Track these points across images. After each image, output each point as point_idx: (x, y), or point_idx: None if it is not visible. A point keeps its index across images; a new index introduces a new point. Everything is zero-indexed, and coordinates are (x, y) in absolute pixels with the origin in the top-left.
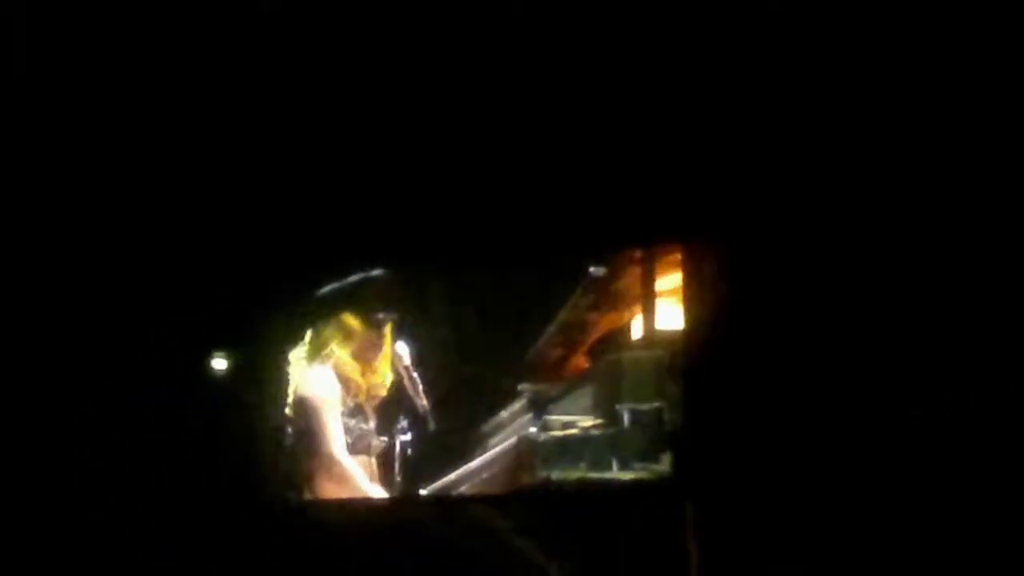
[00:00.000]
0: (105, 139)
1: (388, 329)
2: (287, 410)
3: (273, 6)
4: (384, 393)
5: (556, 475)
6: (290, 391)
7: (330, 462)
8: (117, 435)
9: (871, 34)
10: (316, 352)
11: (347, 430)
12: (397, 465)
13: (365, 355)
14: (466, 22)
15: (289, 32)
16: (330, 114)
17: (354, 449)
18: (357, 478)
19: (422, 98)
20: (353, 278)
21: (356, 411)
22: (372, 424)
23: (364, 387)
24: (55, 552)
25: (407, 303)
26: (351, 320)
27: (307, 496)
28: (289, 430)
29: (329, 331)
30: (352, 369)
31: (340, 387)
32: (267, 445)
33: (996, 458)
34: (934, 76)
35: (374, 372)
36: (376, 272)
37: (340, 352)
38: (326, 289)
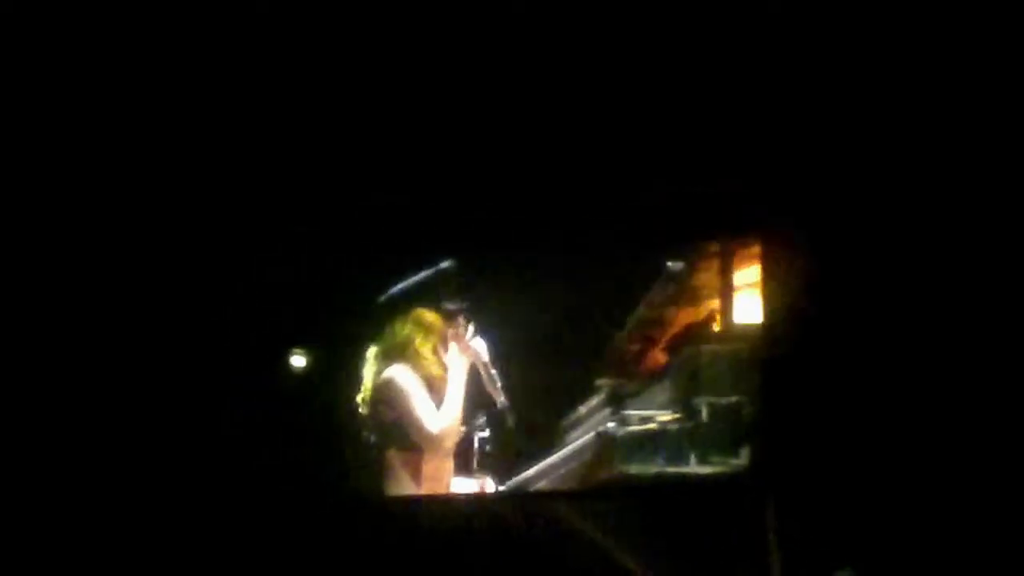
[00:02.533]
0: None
1: (464, 322)
2: (364, 407)
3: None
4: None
5: (634, 470)
6: (368, 387)
7: (428, 436)
8: (198, 434)
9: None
10: (400, 351)
11: None
12: (475, 461)
13: (443, 348)
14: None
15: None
16: (401, 112)
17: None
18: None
19: (496, 91)
20: (424, 272)
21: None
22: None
23: (445, 383)
24: (144, 544)
25: (480, 293)
26: (427, 314)
27: (388, 492)
28: (369, 426)
29: (409, 328)
30: (433, 364)
31: (422, 382)
32: (347, 441)
33: None
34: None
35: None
36: (446, 264)
37: (422, 349)
38: (398, 287)
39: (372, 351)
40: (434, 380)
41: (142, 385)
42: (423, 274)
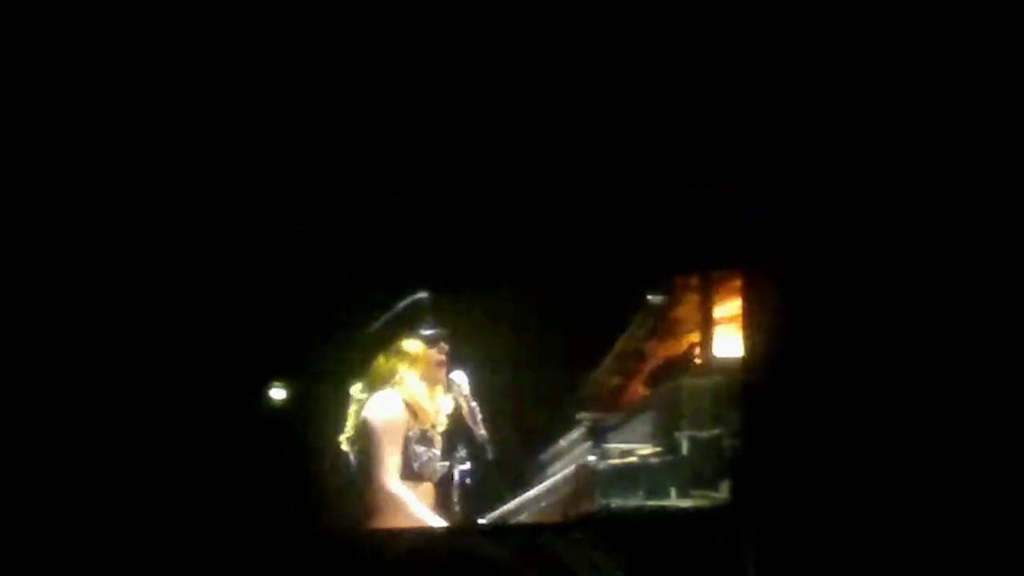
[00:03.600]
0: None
1: (446, 348)
2: (346, 443)
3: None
4: (444, 420)
5: (615, 503)
6: (351, 424)
7: (382, 491)
8: (174, 466)
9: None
10: (384, 380)
11: (415, 457)
12: (456, 494)
13: (433, 376)
14: (510, 40)
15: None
16: (379, 140)
17: (420, 476)
18: (411, 507)
19: (472, 120)
20: (402, 304)
21: (424, 438)
22: (438, 451)
23: (431, 412)
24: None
25: (460, 326)
26: (410, 343)
27: (367, 525)
28: (351, 459)
29: (393, 360)
30: (420, 395)
31: (407, 414)
32: (326, 475)
33: None
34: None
35: (435, 400)
36: (422, 295)
37: (408, 377)
38: (379, 321)
39: (356, 388)
40: (420, 410)
41: (114, 417)
42: (400, 305)
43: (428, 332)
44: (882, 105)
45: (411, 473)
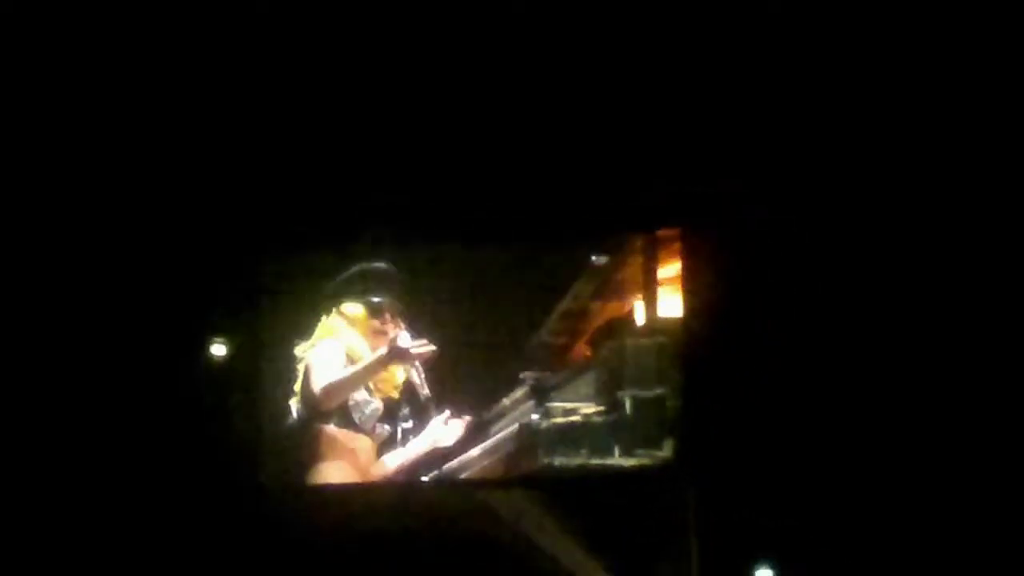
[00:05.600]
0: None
1: (390, 318)
2: (293, 400)
3: None
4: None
5: (558, 462)
6: (297, 385)
7: (313, 397)
8: (116, 422)
9: (870, 20)
10: (326, 337)
11: (355, 407)
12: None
13: (373, 344)
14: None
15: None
16: (331, 100)
17: (361, 427)
18: (349, 383)
19: (426, 85)
20: (352, 269)
21: (365, 387)
22: (379, 404)
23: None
24: (49, 536)
25: (406, 290)
26: (351, 307)
27: (308, 478)
28: (293, 415)
29: (334, 319)
30: (362, 349)
31: (344, 358)
32: (268, 430)
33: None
34: (933, 64)
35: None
36: (375, 264)
37: (349, 333)
38: (328, 286)
39: (301, 348)
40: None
41: (57, 375)
42: (352, 270)
43: (373, 300)
44: (821, 63)
45: (351, 423)
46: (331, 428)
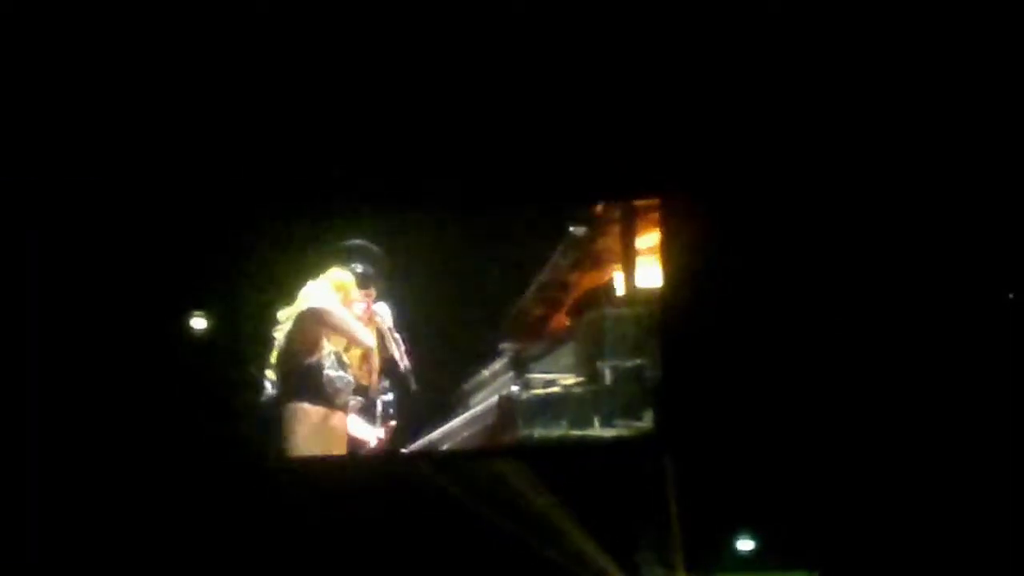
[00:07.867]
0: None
1: (374, 292)
2: (276, 362)
3: None
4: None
5: (538, 433)
6: (275, 352)
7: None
8: (96, 395)
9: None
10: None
11: (328, 382)
12: (378, 423)
13: (351, 308)
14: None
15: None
16: (308, 72)
17: (332, 400)
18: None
19: (403, 57)
20: (339, 245)
21: (339, 362)
22: (351, 378)
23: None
24: (39, 509)
25: (390, 262)
26: (340, 273)
27: (291, 452)
28: (269, 387)
29: (321, 282)
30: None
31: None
32: (249, 401)
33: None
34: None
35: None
36: (360, 241)
37: (331, 296)
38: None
39: (282, 312)
40: (336, 327)
41: (39, 350)
42: (335, 246)
43: (359, 270)
44: (799, 35)
45: (324, 396)
46: (305, 404)
